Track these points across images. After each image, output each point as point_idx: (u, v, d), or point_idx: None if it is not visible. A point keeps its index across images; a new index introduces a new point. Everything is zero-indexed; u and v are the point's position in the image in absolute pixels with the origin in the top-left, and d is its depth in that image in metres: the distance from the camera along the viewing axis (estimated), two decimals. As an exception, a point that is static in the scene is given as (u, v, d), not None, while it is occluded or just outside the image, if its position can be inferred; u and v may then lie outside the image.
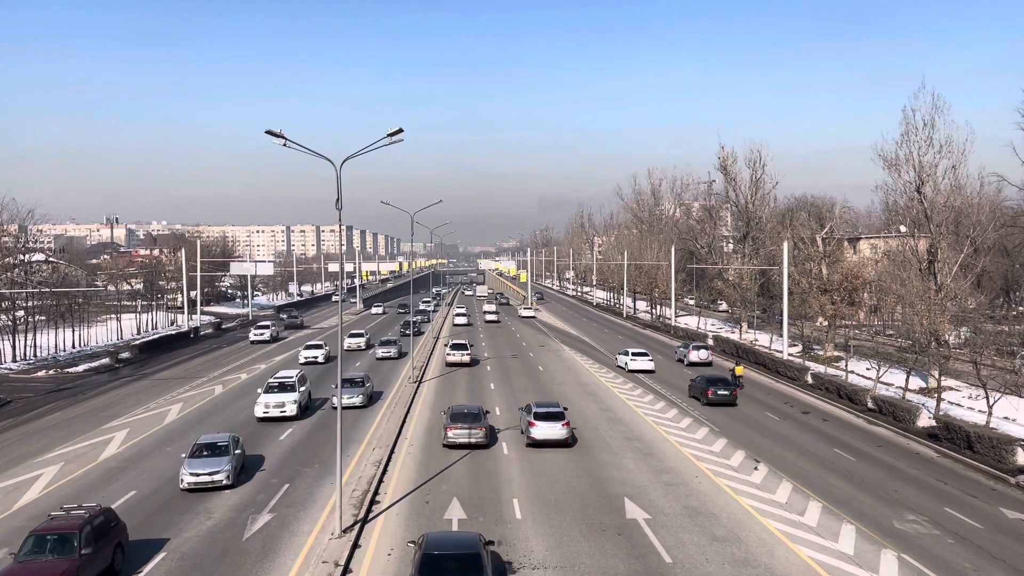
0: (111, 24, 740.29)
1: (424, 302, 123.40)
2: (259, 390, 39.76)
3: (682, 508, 25.14)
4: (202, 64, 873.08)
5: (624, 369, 55.88)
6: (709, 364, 57.95)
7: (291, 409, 37.71)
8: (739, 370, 49.77)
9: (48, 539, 19.20)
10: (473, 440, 32.29)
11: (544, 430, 32.48)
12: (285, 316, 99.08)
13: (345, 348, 55.44)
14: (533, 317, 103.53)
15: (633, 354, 56.35)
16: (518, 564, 20.45)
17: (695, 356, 58.82)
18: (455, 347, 59.34)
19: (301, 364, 56.04)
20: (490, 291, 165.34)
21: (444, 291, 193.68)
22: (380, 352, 62.16)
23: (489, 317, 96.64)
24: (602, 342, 76.34)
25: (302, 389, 40.00)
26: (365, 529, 23.17)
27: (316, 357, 58.30)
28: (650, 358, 56.01)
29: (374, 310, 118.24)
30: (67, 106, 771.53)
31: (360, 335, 69.51)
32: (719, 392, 42.89)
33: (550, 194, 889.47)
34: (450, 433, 32.55)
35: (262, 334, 75.90)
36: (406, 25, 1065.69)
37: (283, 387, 39.23)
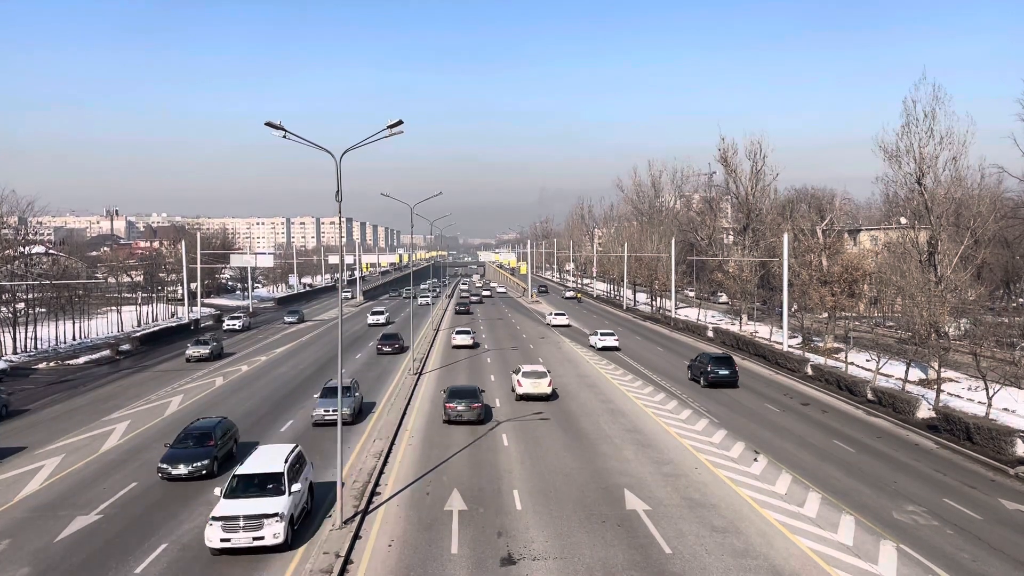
0: (110, 16, 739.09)
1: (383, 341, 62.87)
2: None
3: (682, 499, 25.19)
4: (202, 55, 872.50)
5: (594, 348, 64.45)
6: (578, 299, 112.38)
7: None
8: (579, 295, 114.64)
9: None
10: (467, 418, 35.30)
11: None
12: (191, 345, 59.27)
13: None
14: (567, 326, 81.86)
15: (602, 334, 65.88)
16: (518, 555, 20.51)
17: (569, 294, 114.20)
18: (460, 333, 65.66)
19: None
20: (484, 280, 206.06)
21: (426, 295, 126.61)
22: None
23: (478, 284, 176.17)
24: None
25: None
26: (366, 520, 23.22)
27: None
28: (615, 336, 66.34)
29: (371, 318, 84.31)
30: (66, 98, 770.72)
31: None
32: (540, 290, 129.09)
33: (550, 186, 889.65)
34: (448, 410, 35.58)
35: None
36: (406, 16, 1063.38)
37: None
